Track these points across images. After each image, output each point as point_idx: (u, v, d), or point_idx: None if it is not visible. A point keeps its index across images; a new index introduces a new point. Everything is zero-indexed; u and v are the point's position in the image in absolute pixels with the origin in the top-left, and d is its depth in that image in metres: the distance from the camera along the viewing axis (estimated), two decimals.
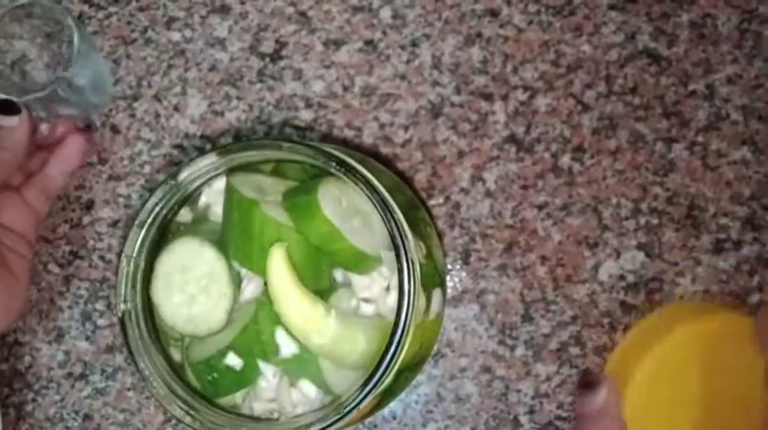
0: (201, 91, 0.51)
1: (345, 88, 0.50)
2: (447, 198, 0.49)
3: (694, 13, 0.48)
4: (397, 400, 0.48)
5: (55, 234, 0.52)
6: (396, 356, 0.34)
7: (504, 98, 0.49)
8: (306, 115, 0.50)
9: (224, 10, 0.51)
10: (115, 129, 0.51)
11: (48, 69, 0.49)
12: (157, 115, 0.51)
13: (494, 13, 0.49)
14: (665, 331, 0.42)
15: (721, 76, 0.48)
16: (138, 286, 0.40)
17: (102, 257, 0.51)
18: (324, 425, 0.35)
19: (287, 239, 0.38)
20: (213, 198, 0.42)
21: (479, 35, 0.49)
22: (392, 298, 0.39)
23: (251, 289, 0.40)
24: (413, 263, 0.35)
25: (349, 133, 0.50)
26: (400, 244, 0.35)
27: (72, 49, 0.44)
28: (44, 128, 0.45)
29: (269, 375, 0.39)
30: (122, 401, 0.51)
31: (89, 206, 0.52)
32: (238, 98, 0.51)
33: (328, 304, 0.38)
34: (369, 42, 0.50)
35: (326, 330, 0.37)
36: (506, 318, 0.48)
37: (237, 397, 0.41)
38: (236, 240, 0.39)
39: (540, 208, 0.48)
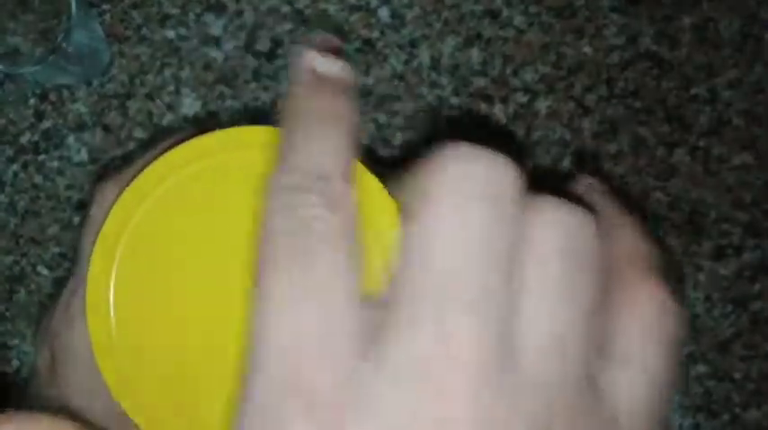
0: (195, 90, 0.50)
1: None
2: None
3: (696, 16, 0.48)
4: None
5: (44, 235, 0.51)
6: None
7: (504, 100, 0.48)
8: None
9: (219, 8, 0.50)
10: (107, 129, 0.51)
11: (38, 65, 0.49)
12: (150, 114, 0.51)
13: (494, 15, 0.49)
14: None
15: (723, 80, 0.48)
16: None
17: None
18: None
19: None
20: None
21: (479, 36, 0.49)
22: None
23: None
24: None
25: None
26: None
27: (70, 18, 0.44)
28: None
29: None
30: None
31: (80, 207, 0.51)
32: (233, 97, 0.50)
33: None
34: (367, 42, 0.49)
35: None
36: None
37: None
38: None
39: None
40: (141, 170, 0.23)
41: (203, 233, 0.23)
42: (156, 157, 0.23)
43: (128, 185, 0.23)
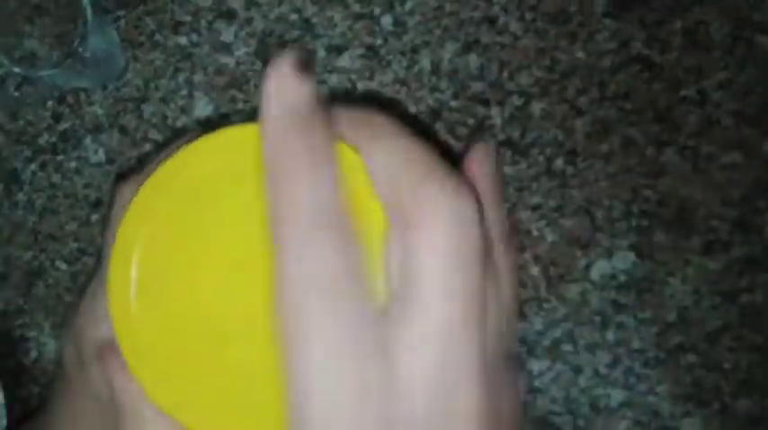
0: (208, 94, 0.51)
1: (347, 92, 0.51)
2: None
3: (687, 20, 0.48)
4: None
5: (62, 232, 0.52)
6: None
7: (501, 103, 0.49)
8: None
9: (230, 15, 0.51)
10: (123, 131, 0.52)
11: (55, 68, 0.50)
12: (165, 117, 0.51)
13: (491, 21, 0.49)
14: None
15: (713, 81, 0.48)
16: None
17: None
18: None
19: None
20: None
21: (477, 42, 0.49)
22: None
23: None
24: None
25: None
26: None
27: (86, 23, 0.44)
28: None
29: None
30: None
31: (97, 205, 0.52)
32: (244, 101, 0.51)
33: None
34: (370, 48, 0.50)
35: None
36: None
37: None
38: None
39: (534, 209, 0.49)
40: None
41: (221, 223, 0.23)
42: (171, 157, 0.23)
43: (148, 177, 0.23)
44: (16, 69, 0.45)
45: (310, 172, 0.19)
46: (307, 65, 0.20)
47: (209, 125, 0.51)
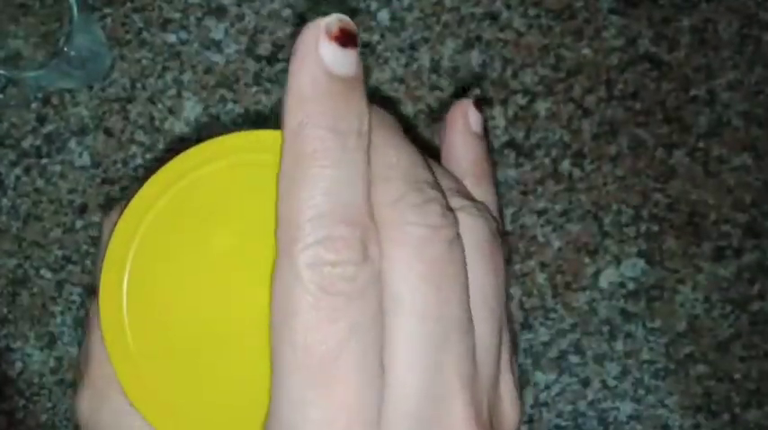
0: (197, 94, 0.50)
1: None
2: None
3: (695, 18, 0.48)
4: None
5: (47, 239, 0.51)
6: None
7: (504, 103, 0.49)
8: None
9: (220, 12, 0.51)
10: (109, 132, 0.51)
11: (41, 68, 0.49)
12: (152, 118, 0.51)
13: (493, 17, 0.49)
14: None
15: (722, 81, 0.48)
16: None
17: (95, 262, 0.51)
18: None
19: None
20: None
21: (479, 39, 0.49)
22: None
23: None
24: None
25: None
26: None
27: (72, 21, 0.44)
28: None
29: None
30: None
31: (82, 210, 0.51)
32: (234, 101, 0.50)
33: None
34: (367, 45, 0.50)
35: None
36: None
37: None
38: None
39: (539, 214, 0.48)
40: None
41: (210, 238, 0.23)
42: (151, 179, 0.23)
43: (129, 202, 0.23)
44: (1, 71, 0.45)
45: (335, 166, 0.16)
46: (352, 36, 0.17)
47: (198, 127, 0.50)
